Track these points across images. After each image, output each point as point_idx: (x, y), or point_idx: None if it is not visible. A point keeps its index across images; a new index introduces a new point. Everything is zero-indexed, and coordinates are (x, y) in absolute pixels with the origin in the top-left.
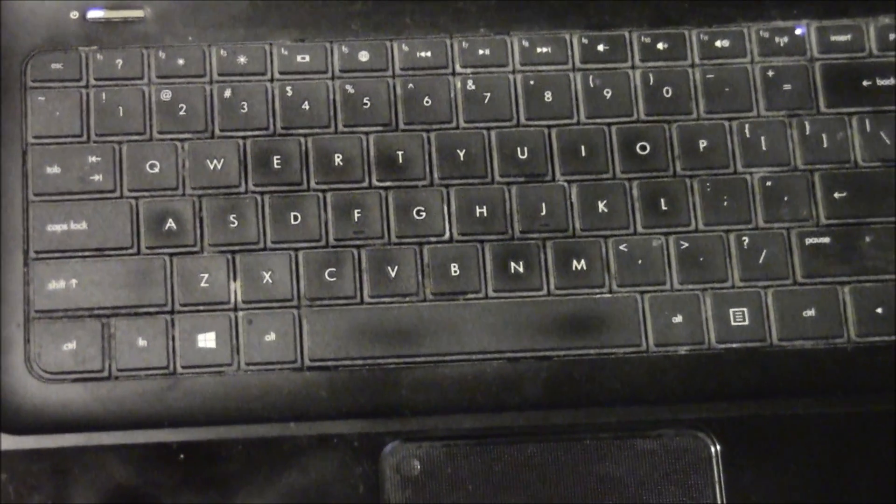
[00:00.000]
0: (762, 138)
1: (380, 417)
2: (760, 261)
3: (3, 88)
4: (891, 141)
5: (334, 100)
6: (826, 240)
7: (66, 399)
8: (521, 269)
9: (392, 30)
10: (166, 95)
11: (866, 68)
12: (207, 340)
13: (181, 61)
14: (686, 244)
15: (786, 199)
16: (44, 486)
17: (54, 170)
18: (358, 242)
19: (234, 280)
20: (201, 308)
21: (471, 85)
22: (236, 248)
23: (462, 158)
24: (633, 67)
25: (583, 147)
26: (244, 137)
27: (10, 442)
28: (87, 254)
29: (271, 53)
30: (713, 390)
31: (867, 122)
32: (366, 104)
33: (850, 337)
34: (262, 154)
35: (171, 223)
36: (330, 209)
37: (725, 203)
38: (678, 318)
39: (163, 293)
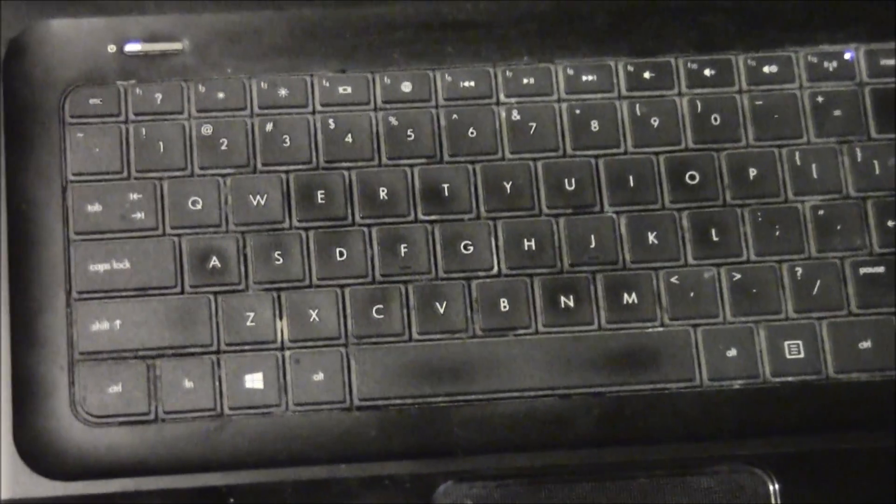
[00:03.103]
0: (813, 166)
1: (431, 457)
2: (814, 292)
3: (42, 124)
4: None
5: (377, 132)
6: (881, 269)
7: (112, 443)
8: (571, 304)
9: (434, 59)
10: (207, 130)
11: None
12: (255, 381)
13: (221, 95)
14: (738, 275)
15: (838, 227)
16: None
17: (95, 208)
18: (405, 278)
19: (281, 318)
20: (247, 348)
21: (515, 115)
22: (282, 285)
23: (508, 190)
24: (679, 94)
25: (631, 177)
26: (287, 172)
27: (57, 488)
28: (130, 293)
29: (312, 85)
30: (769, 425)
31: None
32: (409, 136)
33: None
34: (306, 188)
35: (214, 261)
36: (376, 244)
37: (777, 233)
38: (732, 352)
39: (208, 333)
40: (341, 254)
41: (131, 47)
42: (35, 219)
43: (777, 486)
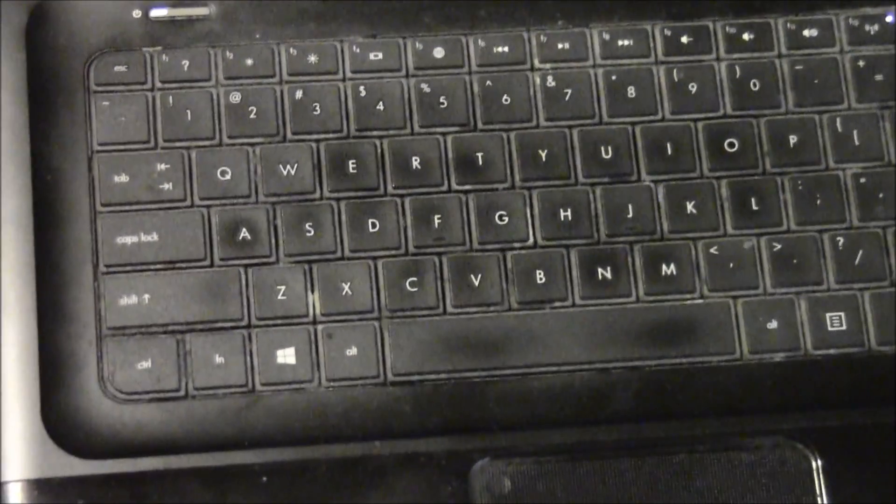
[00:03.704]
0: (854, 132)
1: (467, 434)
2: (856, 262)
3: (66, 93)
4: None
5: (409, 99)
6: None
7: (142, 420)
8: (608, 275)
9: (466, 23)
10: (235, 97)
11: None
12: (287, 356)
13: (249, 61)
14: (778, 245)
15: (881, 196)
16: None
17: (122, 178)
18: (439, 250)
19: (312, 292)
20: (279, 322)
21: (550, 81)
22: (313, 257)
23: (544, 159)
24: (718, 59)
25: (668, 145)
26: (317, 140)
27: (85, 466)
28: (158, 267)
29: (342, 51)
30: (811, 399)
31: None
32: (442, 103)
33: None
34: (337, 158)
35: (244, 233)
36: (409, 215)
37: (818, 201)
38: (773, 324)
39: (239, 307)
40: (374, 225)
41: (157, 12)
42: (61, 190)
43: (820, 461)
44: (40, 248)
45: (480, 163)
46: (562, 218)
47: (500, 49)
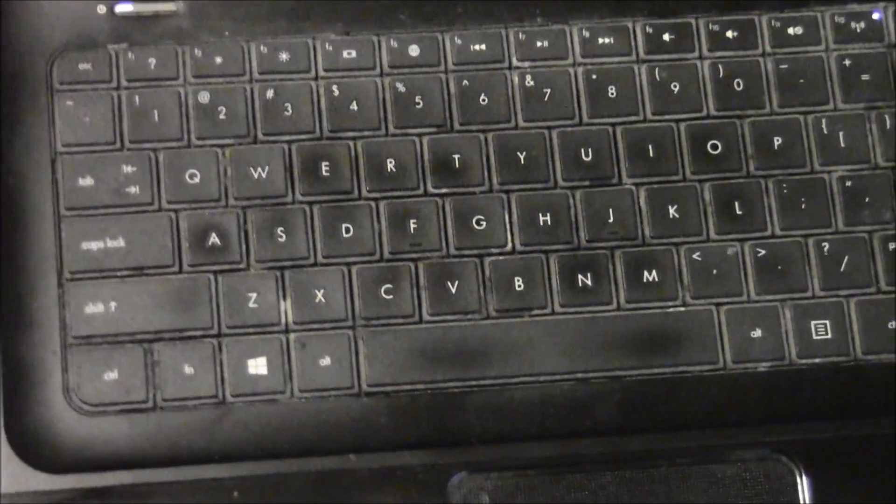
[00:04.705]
0: (840, 134)
1: (445, 447)
2: (842, 268)
3: (28, 92)
4: None
5: (384, 99)
6: None
7: (108, 433)
8: (589, 282)
9: (443, 21)
10: (204, 97)
11: None
12: (258, 366)
13: (219, 59)
14: (763, 251)
15: (867, 200)
16: None
17: (87, 181)
18: (415, 256)
19: (284, 299)
20: (250, 331)
21: (529, 80)
22: (285, 264)
23: (522, 161)
24: (701, 58)
25: (650, 147)
26: (289, 142)
27: (51, 481)
28: (125, 273)
29: (315, 49)
30: (796, 410)
31: None
32: (418, 103)
33: None
34: (310, 160)
35: (214, 238)
36: (384, 219)
37: (803, 205)
38: (757, 333)
39: (209, 315)
40: (347, 230)
41: (122, 8)
42: (23, 194)
43: (804, 473)
44: (2, 254)
45: (457, 165)
46: (541, 223)
47: (477, 47)
